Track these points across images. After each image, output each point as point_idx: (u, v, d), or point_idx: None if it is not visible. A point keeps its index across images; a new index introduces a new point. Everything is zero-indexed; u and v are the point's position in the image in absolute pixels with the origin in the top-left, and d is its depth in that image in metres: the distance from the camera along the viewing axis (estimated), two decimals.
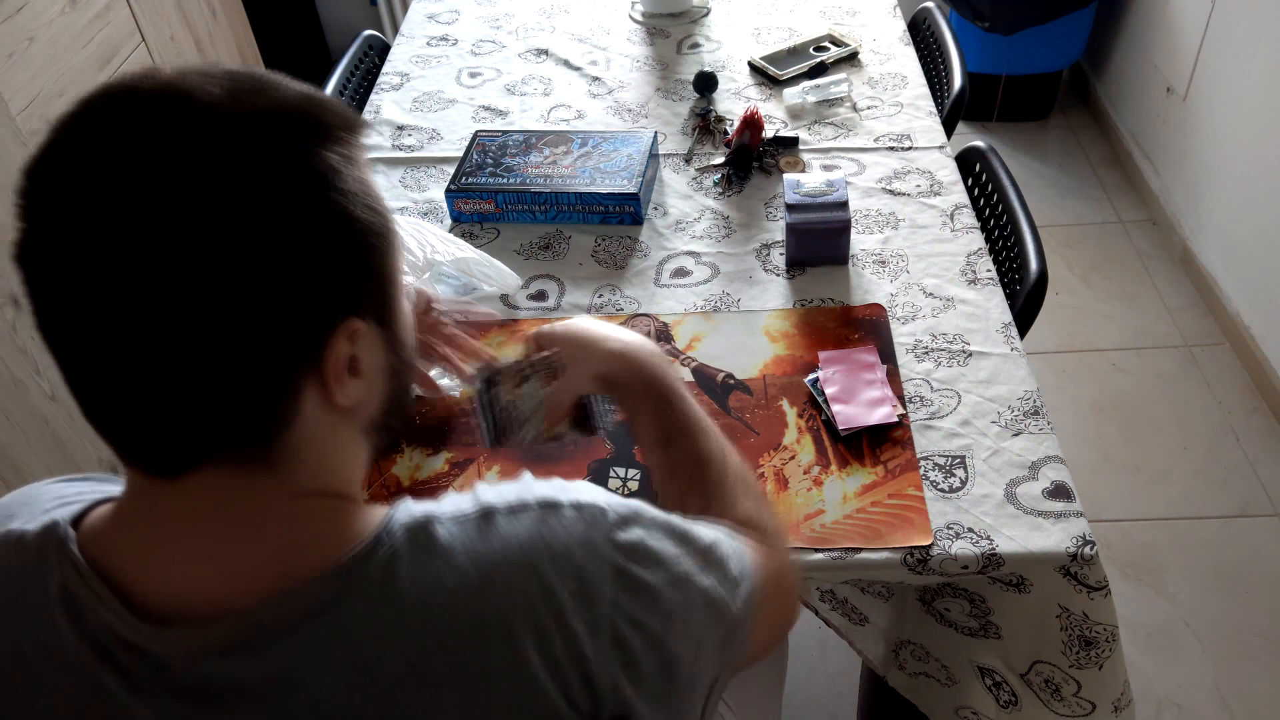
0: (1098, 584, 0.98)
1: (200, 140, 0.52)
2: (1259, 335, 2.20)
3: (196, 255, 0.50)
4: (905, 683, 1.17)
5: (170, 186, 0.50)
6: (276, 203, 0.52)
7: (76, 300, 0.51)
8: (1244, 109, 2.23)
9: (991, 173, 1.51)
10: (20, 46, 1.80)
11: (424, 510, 0.59)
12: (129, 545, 0.58)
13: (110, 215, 0.50)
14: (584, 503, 0.62)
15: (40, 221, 0.53)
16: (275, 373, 0.55)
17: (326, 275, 0.55)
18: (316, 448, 0.59)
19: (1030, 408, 1.12)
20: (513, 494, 0.61)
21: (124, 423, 0.55)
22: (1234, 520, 1.96)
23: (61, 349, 0.54)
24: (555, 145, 1.53)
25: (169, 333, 0.51)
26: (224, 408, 0.54)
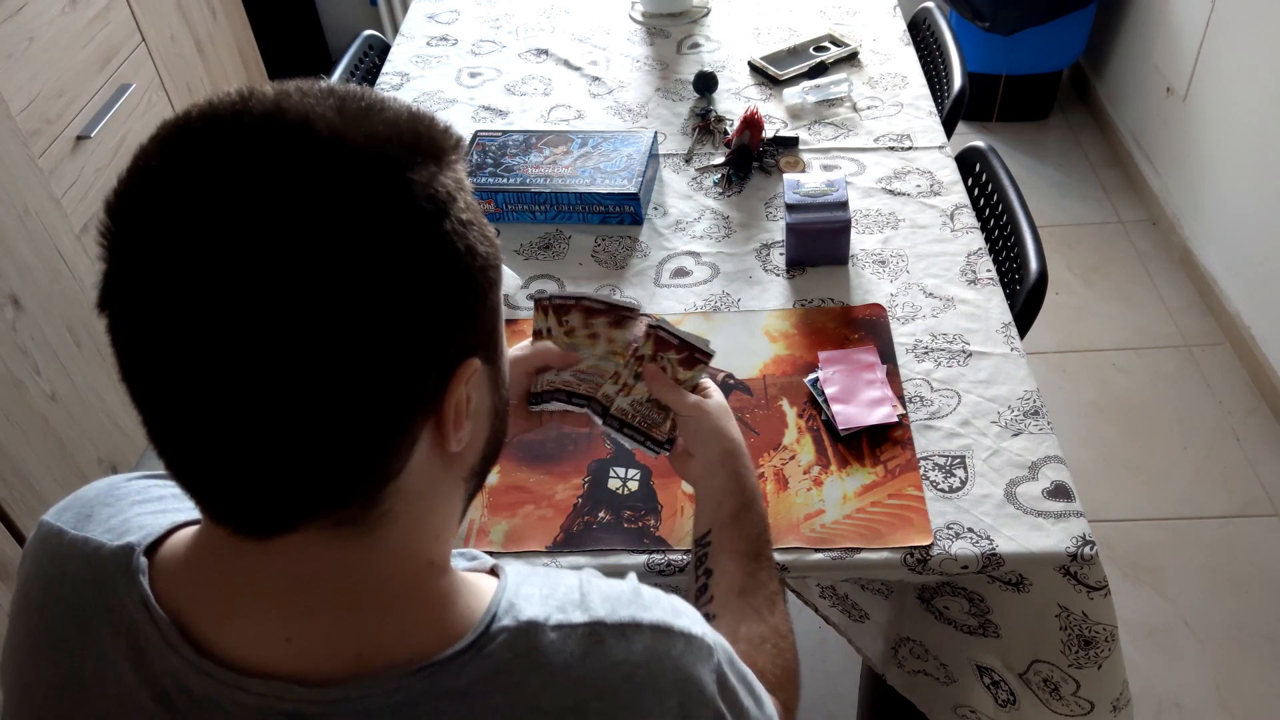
0: (1097, 584, 0.98)
1: (314, 170, 0.46)
2: (1259, 335, 2.20)
3: (310, 299, 0.45)
4: (904, 681, 1.17)
5: (282, 222, 0.45)
6: (397, 237, 0.47)
7: (172, 347, 0.46)
8: (1244, 109, 2.23)
9: (991, 173, 1.51)
10: (20, 46, 1.81)
11: (529, 615, 0.54)
12: (203, 596, 0.54)
13: (218, 255, 0.45)
14: (694, 634, 0.58)
15: (130, 260, 0.47)
16: (393, 423, 0.50)
17: (450, 314, 0.50)
18: (417, 503, 0.54)
19: (1030, 408, 1.12)
20: (624, 608, 0.57)
21: (219, 481, 0.49)
22: (1234, 520, 1.96)
23: (149, 400, 0.48)
24: (555, 145, 1.53)
25: (278, 384, 0.46)
26: (334, 464, 0.48)
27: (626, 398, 0.90)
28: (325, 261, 0.45)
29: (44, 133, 1.86)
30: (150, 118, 2.22)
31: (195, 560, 0.55)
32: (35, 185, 1.81)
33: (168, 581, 0.55)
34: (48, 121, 1.87)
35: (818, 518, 1.02)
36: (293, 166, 0.46)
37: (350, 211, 0.46)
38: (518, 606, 0.55)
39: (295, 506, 0.50)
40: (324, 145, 0.47)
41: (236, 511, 0.51)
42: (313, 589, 0.52)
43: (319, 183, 0.46)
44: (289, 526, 0.51)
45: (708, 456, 0.87)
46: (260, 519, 0.50)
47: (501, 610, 0.54)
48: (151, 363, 0.47)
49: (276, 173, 0.46)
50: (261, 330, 0.45)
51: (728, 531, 0.84)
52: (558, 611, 0.55)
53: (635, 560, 1.00)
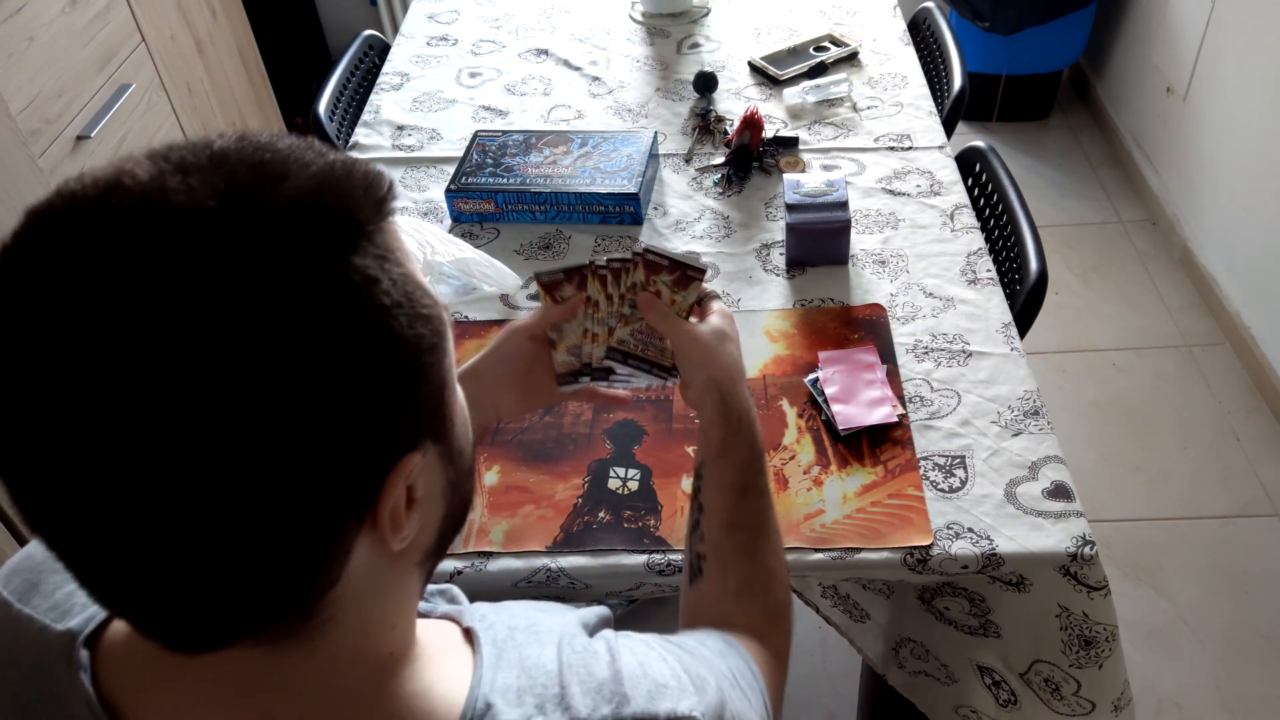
0: (1097, 584, 0.98)
1: (202, 271, 0.40)
2: (1259, 335, 2.20)
3: (218, 413, 0.40)
4: (905, 681, 1.17)
5: (175, 336, 0.39)
6: (308, 335, 0.41)
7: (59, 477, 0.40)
8: (1244, 109, 2.23)
9: (991, 173, 1.51)
10: (20, 46, 1.81)
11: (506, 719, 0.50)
12: (146, 699, 0.50)
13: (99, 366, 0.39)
14: (679, 716, 0.54)
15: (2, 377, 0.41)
16: (320, 535, 0.45)
17: (378, 412, 0.44)
18: (362, 603, 0.49)
19: (1030, 408, 1.12)
20: (606, 699, 0.53)
21: (131, 605, 0.45)
22: (1234, 520, 1.96)
23: (47, 529, 0.43)
24: (555, 145, 1.53)
25: (189, 506, 0.40)
26: (259, 582, 0.44)
27: (627, 328, 0.87)
28: (221, 375, 0.39)
29: (44, 133, 1.85)
30: (150, 118, 2.23)
31: (137, 658, 0.51)
32: (35, 185, 1.81)
33: (111, 677, 0.51)
34: (48, 121, 1.87)
35: (818, 518, 1.02)
36: (167, 267, 0.40)
37: (237, 314, 0.40)
38: (494, 709, 0.51)
39: (222, 627, 0.45)
40: (208, 238, 0.41)
41: (159, 630, 0.46)
42: (260, 695, 0.49)
43: (201, 284, 0.40)
44: (218, 646, 0.46)
45: (696, 385, 0.83)
46: (185, 639, 0.46)
47: (477, 714, 0.51)
48: (38, 493, 0.42)
49: (148, 281, 0.40)
50: (149, 450, 0.39)
51: (715, 464, 0.81)
52: (537, 712, 0.52)
53: (635, 560, 1.00)
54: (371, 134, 1.67)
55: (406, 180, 1.57)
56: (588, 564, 1.00)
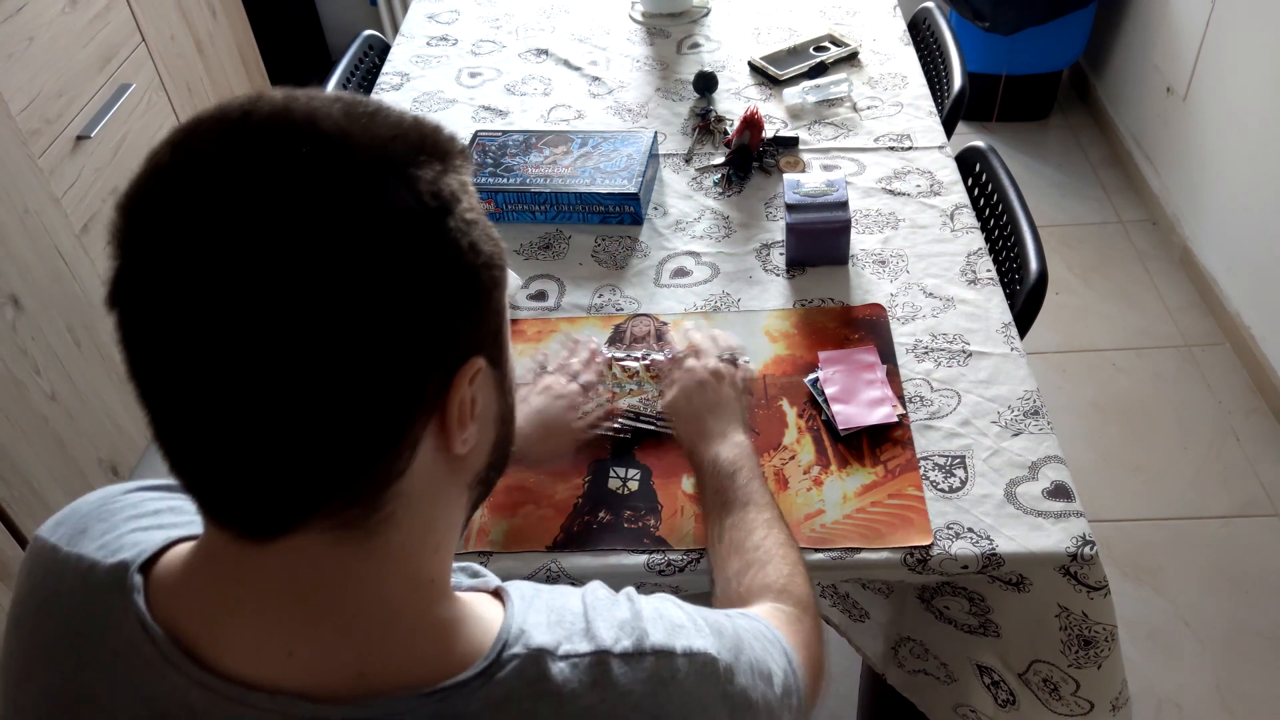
0: (1097, 584, 0.98)
1: (318, 168, 0.47)
2: (1259, 335, 2.20)
3: (317, 294, 0.46)
4: (904, 681, 1.17)
5: (289, 220, 0.46)
6: (401, 235, 0.48)
7: (178, 345, 0.46)
8: (1244, 109, 2.23)
9: (991, 173, 1.51)
10: (20, 46, 1.81)
11: (538, 643, 0.55)
12: (201, 610, 0.54)
13: (223, 253, 0.46)
14: (695, 651, 0.59)
15: (139, 259, 0.47)
16: (397, 419, 0.50)
17: (453, 312, 0.51)
18: (420, 508, 0.54)
19: (1030, 408, 1.12)
20: (628, 633, 0.57)
21: (222, 480, 0.49)
22: (1234, 520, 1.96)
23: (156, 398, 0.49)
24: (555, 145, 1.53)
25: (281, 381, 0.46)
26: (338, 461, 0.48)
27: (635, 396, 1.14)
28: (327, 258, 0.46)
29: (44, 133, 1.86)
30: (150, 118, 2.23)
31: (193, 574, 0.55)
32: (35, 185, 1.81)
33: (164, 598, 0.55)
34: (48, 121, 1.87)
35: (818, 518, 1.02)
36: (297, 164, 0.47)
37: (352, 209, 0.47)
38: (528, 634, 0.55)
39: (298, 505, 0.50)
40: (329, 143, 0.48)
41: (239, 512, 0.50)
42: (313, 598, 0.52)
43: (323, 180, 0.47)
44: (291, 527, 0.50)
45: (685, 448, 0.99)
46: (262, 519, 0.50)
47: (512, 637, 0.54)
48: (158, 360, 0.47)
49: (281, 171, 0.47)
50: (264, 327, 0.45)
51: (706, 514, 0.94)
52: (565, 640, 0.55)
53: (635, 560, 1.00)
54: None
55: None
56: (588, 564, 1.00)
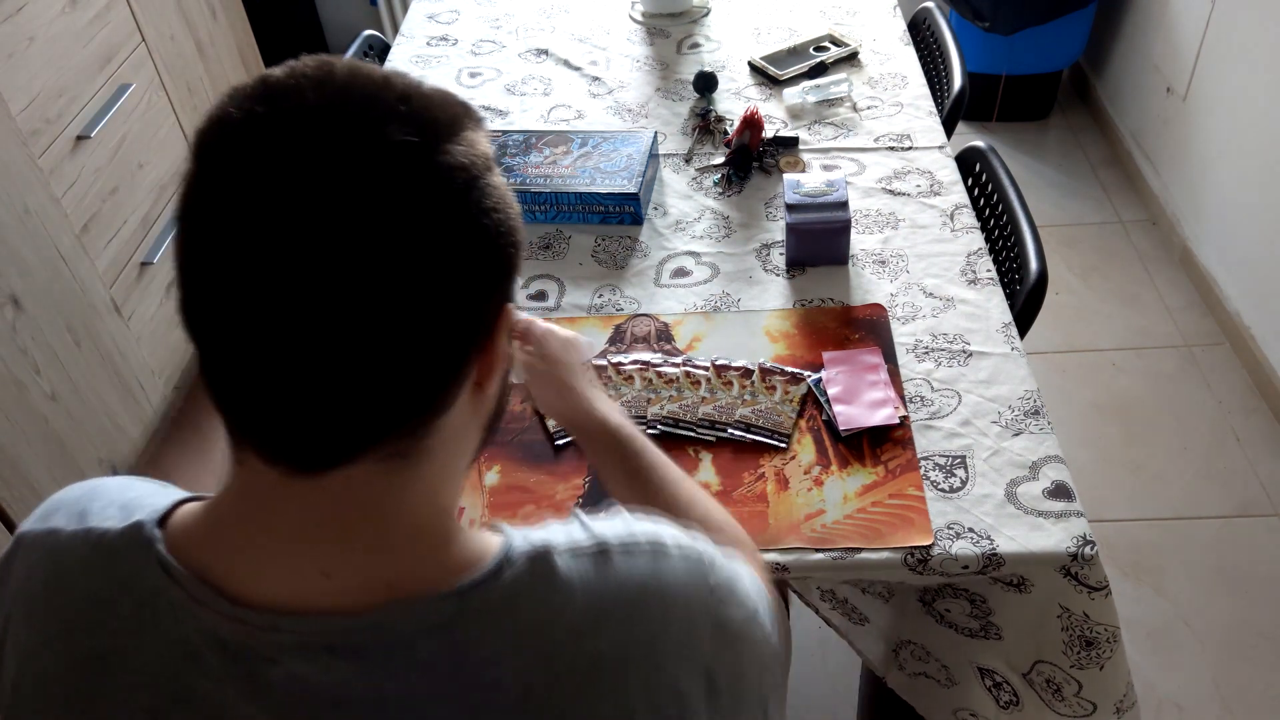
0: (1098, 584, 0.98)
1: (390, 129, 0.51)
2: (1259, 335, 2.20)
3: (393, 246, 0.50)
4: (905, 683, 1.17)
5: (360, 176, 0.50)
6: (462, 191, 0.53)
7: (246, 286, 0.50)
8: (1244, 109, 2.23)
9: (991, 173, 1.51)
10: (20, 46, 1.80)
11: (542, 539, 0.59)
12: (227, 547, 0.56)
13: (297, 200, 0.49)
14: (684, 545, 0.63)
15: (211, 190, 0.51)
16: (452, 354, 0.55)
17: (501, 261, 0.56)
18: (450, 443, 0.59)
19: (1030, 408, 1.12)
20: (623, 531, 0.62)
21: (282, 417, 0.52)
22: (1234, 520, 1.96)
23: (212, 333, 0.52)
24: (555, 145, 1.53)
25: (354, 317, 0.50)
26: (401, 393, 0.53)
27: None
28: (396, 206, 0.50)
29: (44, 133, 1.85)
30: (150, 118, 2.22)
31: (220, 517, 0.57)
32: (35, 185, 1.81)
33: (186, 545, 0.57)
34: (48, 121, 1.87)
35: (818, 518, 1.02)
36: (382, 123, 0.51)
37: (419, 168, 0.52)
38: (529, 537, 0.59)
39: (360, 438, 0.53)
40: (399, 105, 0.52)
41: (297, 444, 0.53)
42: (352, 523, 0.55)
43: (401, 140, 0.51)
44: (344, 460, 0.54)
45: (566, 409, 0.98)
46: (321, 454, 0.53)
47: (518, 540, 0.58)
48: (222, 299, 0.50)
49: (366, 129, 0.51)
50: (340, 277, 0.49)
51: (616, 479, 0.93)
52: (564, 539, 0.59)
53: None
54: None
55: None
56: None
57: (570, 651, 0.55)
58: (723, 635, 0.62)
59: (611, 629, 0.57)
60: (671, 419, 1.13)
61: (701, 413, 1.14)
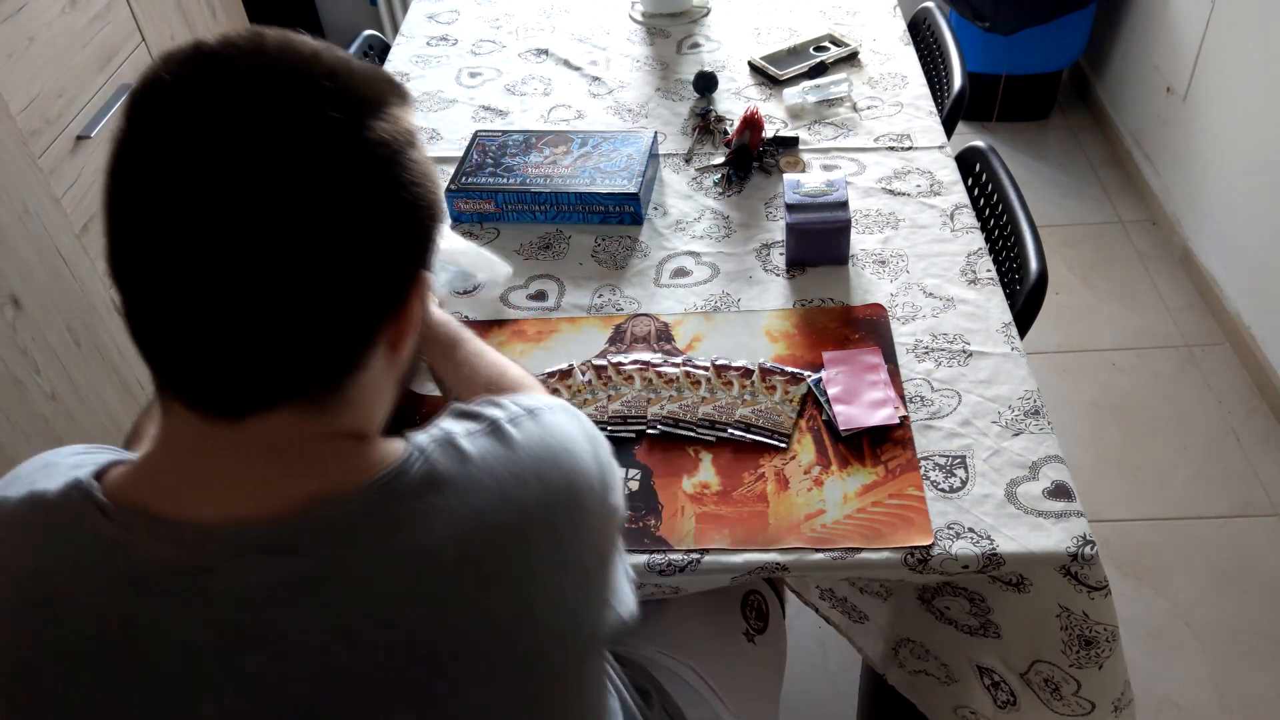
0: (1098, 584, 0.98)
1: (317, 100, 0.54)
2: (1259, 335, 2.20)
3: (313, 216, 0.53)
4: (905, 681, 1.17)
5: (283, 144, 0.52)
6: (383, 164, 0.56)
7: (173, 248, 0.53)
8: (1244, 109, 2.23)
9: (991, 173, 1.51)
10: (20, 46, 1.80)
11: (442, 430, 0.64)
12: (160, 485, 0.60)
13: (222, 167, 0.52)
14: (548, 400, 0.71)
15: (137, 158, 0.53)
16: (366, 320, 0.59)
17: (413, 230, 0.60)
18: (367, 395, 0.63)
19: (1030, 408, 1.12)
20: (497, 408, 0.67)
21: (199, 365, 0.56)
22: (1234, 520, 1.96)
23: (138, 289, 0.55)
24: (555, 145, 1.53)
25: (266, 279, 0.53)
26: (315, 354, 0.57)
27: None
28: (318, 176, 0.53)
29: (44, 133, 1.85)
30: None
31: (147, 462, 0.61)
32: (35, 185, 1.81)
33: (122, 489, 0.60)
34: (48, 121, 1.87)
35: (818, 518, 1.02)
36: (305, 96, 0.54)
37: (342, 140, 0.54)
38: (432, 432, 0.64)
39: (273, 390, 0.57)
40: (325, 80, 0.55)
41: (218, 393, 0.57)
42: (274, 459, 0.59)
43: (321, 112, 0.54)
44: (266, 406, 0.58)
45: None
46: (240, 399, 0.57)
47: (419, 436, 0.63)
48: (148, 255, 0.53)
49: (288, 100, 0.54)
50: (255, 234, 0.52)
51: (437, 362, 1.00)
52: (457, 425, 0.65)
53: (636, 560, 1.00)
54: None
55: None
56: None
57: (501, 513, 0.61)
58: (606, 464, 0.70)
59: (533, 483, 0.63)
60: (671, 419, 1.13)
61: (701, 413, 1.14)
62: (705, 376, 1.18)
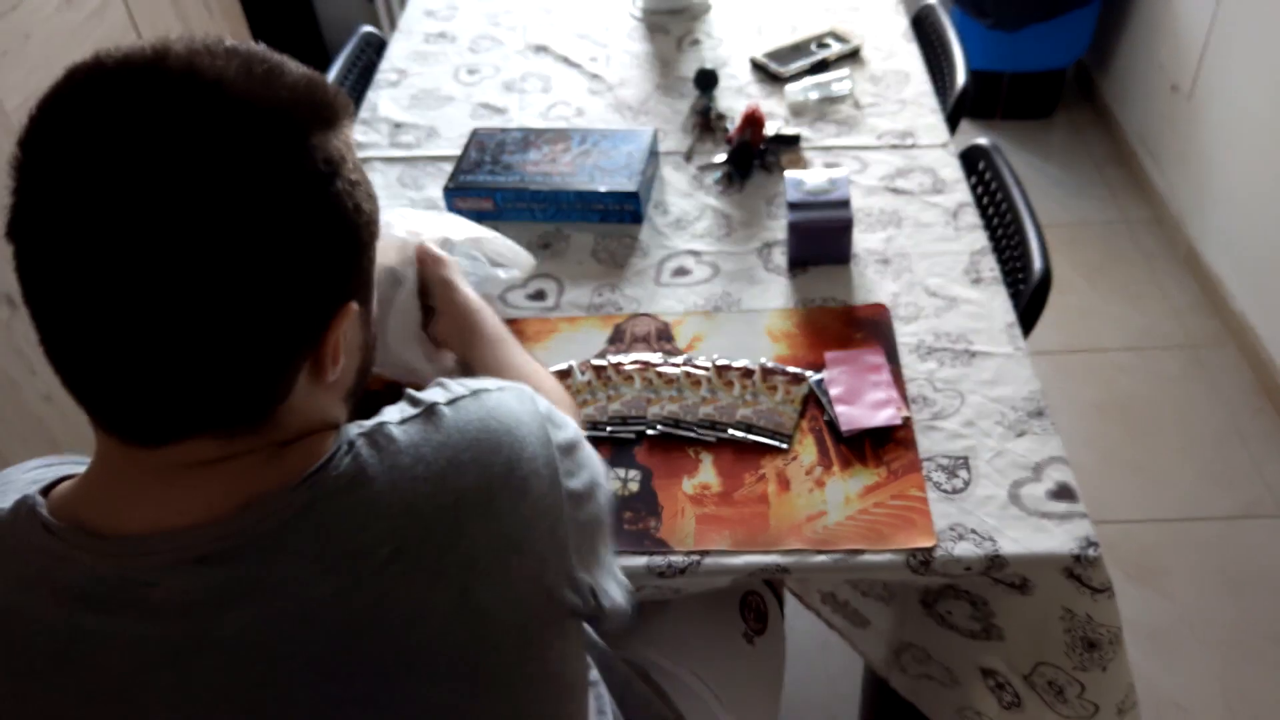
0: (1101, 585, 0.97)
1: (222, 130, 0.51)
2: (1264, 335, 2.19)
3: (209, 247, 0.51)
4: (907, 685, 1.16)
5: (189, 177, 0.50)
6: (293, 196, 0.53)
7: (76, 277, 0.51)
8: (1249, 106, 2.21)
9: (995, 171, 1.50)
10: (15, 44, 1.80)
11: (372, 421, 0.62)
12: (95, 500, 0.59)
13: (120, 201, 0.50)
14: (505, 384, 0.68)
15: (38, 191, 0.51)
16: (278, 356, 0.56)
17: (334, 265, 0.57)
18: (298, 416, 0.61)
19: (1034, 408, 1.11)
20: (444, 391, 0.65)
21: (110, 398, 0.55)
22: (1238, 521, 1.95)
23: (51, 324, 0.53)
24: (554, 143, 1.52)
25: (174, 318, 0.51)
26: (224, 388, 0.55)
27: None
28: (224, 213, 0.51)
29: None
30: None
31: (90, 479, 0.61)
32: None
33: (64, 505, 0.60)
34: None
35: (820, 519, 1.01)
36: (202, 124, 0.51)
37: (252, 168, 0.52)
38: (361, 424, 0.62)
39: (181, 425, 0.56)
40: (232, 106, 0.52)
41: (131, 424, 0.56)
42: (199, 474, 0.58)
43: (225, 140, 0.51)
44: (180, 438, 0.57)
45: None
46: (153, 431, 0.56)
47: (350, 430, 0.62)
48: (53, 290, 0.52)
49: (187, 128, 0.51)
50: (159, 270, 0.50)
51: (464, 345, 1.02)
52: (393, 414, 0.63)
53: (636, 562, 0.99)
54: (369, 131, 1.66)
55: (404, 178, 1.55)
56: None
57: (430, 499, 0.59)
58: (563, 449, 0.67)
59: (466, 470, 0.60)
60: (672, 419, 1.12)
61: (702, 413, 1.12)
62: (706, 376, 1.16)
